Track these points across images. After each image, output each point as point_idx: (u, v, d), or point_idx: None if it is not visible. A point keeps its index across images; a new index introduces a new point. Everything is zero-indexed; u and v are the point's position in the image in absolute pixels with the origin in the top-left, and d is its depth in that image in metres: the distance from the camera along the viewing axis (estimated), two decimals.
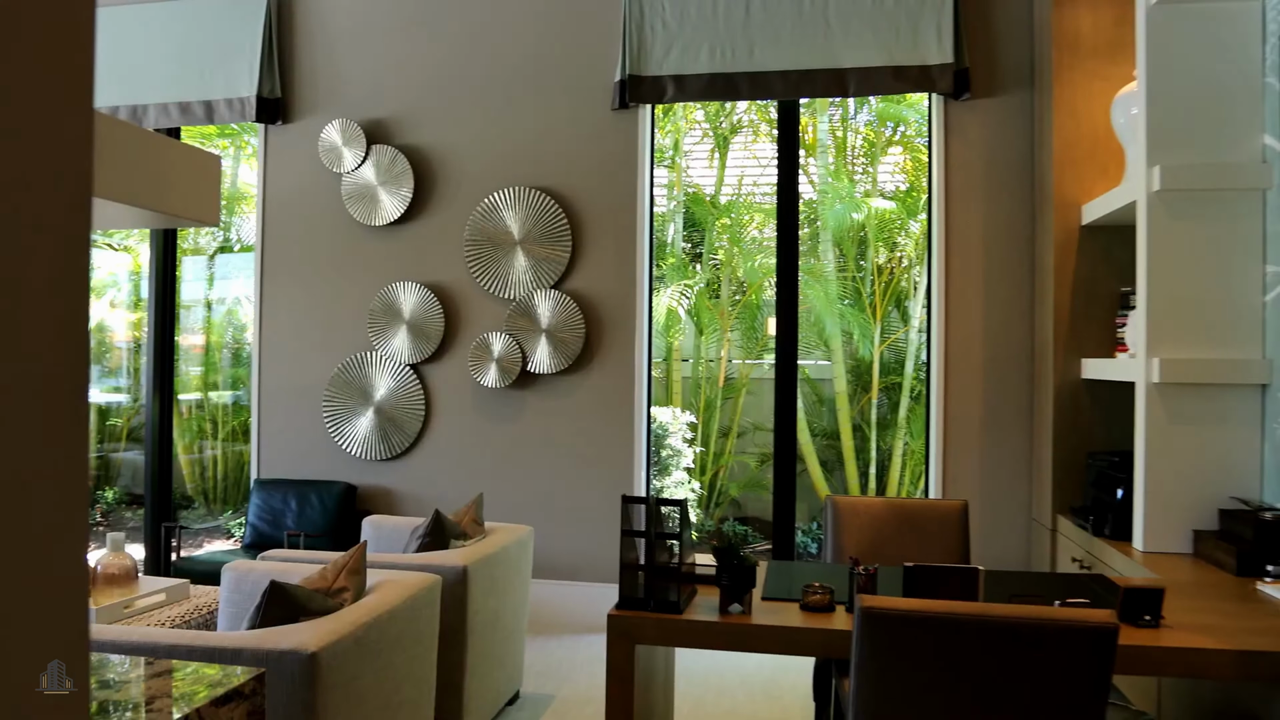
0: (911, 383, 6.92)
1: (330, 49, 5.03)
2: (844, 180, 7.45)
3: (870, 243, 7.31)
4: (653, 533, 2.26)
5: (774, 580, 2.61)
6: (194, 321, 8.26)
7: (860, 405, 7.21)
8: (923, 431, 6.84)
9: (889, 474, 6.97)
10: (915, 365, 6.91)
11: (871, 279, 7.23)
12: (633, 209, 4.68)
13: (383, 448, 4.91)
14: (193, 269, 8.41)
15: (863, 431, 7.14)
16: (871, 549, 3.24)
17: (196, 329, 8.27)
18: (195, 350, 8.25)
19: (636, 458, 4.66)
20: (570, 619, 4.63)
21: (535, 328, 4.71)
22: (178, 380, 8.06)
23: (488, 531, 3.48)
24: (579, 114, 4.73)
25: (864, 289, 7.21)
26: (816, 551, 6.91)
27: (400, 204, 4.86)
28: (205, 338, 8.21)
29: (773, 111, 7.65)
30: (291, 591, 2.25)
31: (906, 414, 6.93)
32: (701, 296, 7.42)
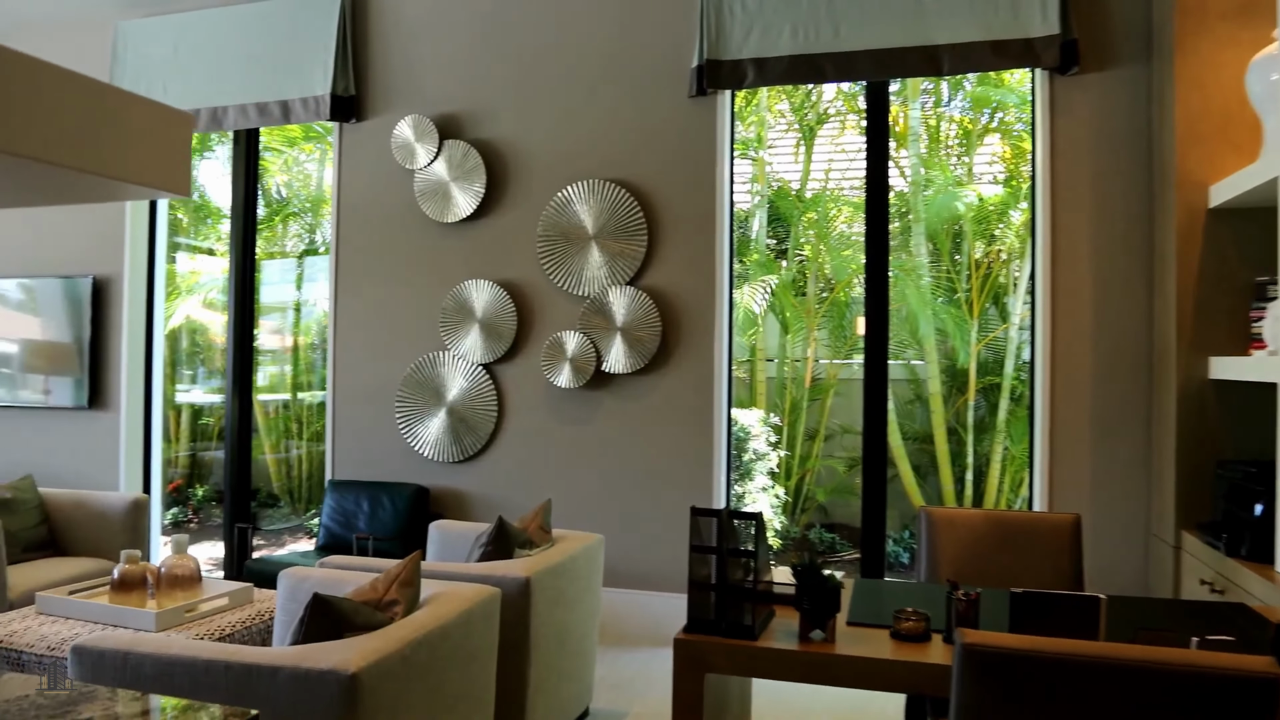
0: (1012, 383, 6.52)
1: (403, 44, 4.94)
2: (943, 170, 7.08)
3: (967, 236, 6.92)
4: (725, 549, 2.04)
5: (861, 602, 2.36)
6: (284, 323, 8.36)
7: (956, 407, 6.84)
8: (1024, 436, 6.44)
9: (986, 481, 6.58)
10: (1016, 365, 6.51)
11: (968, 274, 6.84)
12: (712, 201, 4.45)
13: (455, 449, 4.80)
14: (280, 271, 8.52)
15: (958, 435, 6.76)
16: (970, 567, 2.95)
17: (286, 330, 8.37)
18: (286, 351, 8.35)
19: (716, 462, 4.44)
20: (645, 630, 4.43)
21: (610, 326, 4.53)
22: (263, 380, 8.18)
23: (555, 539, 3.31)
24: (655, 103, 4.53)
25: (960, 285, 6.83)
26: (909, 562, 6.57)
27: (472, 200, 4.74)
28: (294, 338, 8.29)
29: (861, 100, 7.33)
30: (336, 605, 2.11)
31: (1006, 417, 6.53)
32: (786, 294, 7.14)
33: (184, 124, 0.98)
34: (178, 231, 8.43)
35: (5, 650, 2.86)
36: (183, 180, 0.98)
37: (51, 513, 4.41)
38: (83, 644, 2.08)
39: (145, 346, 5.57)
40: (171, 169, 0.95)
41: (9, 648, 2.86)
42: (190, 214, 8.48)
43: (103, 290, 5.50)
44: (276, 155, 8.45)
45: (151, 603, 3.15)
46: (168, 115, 0.96)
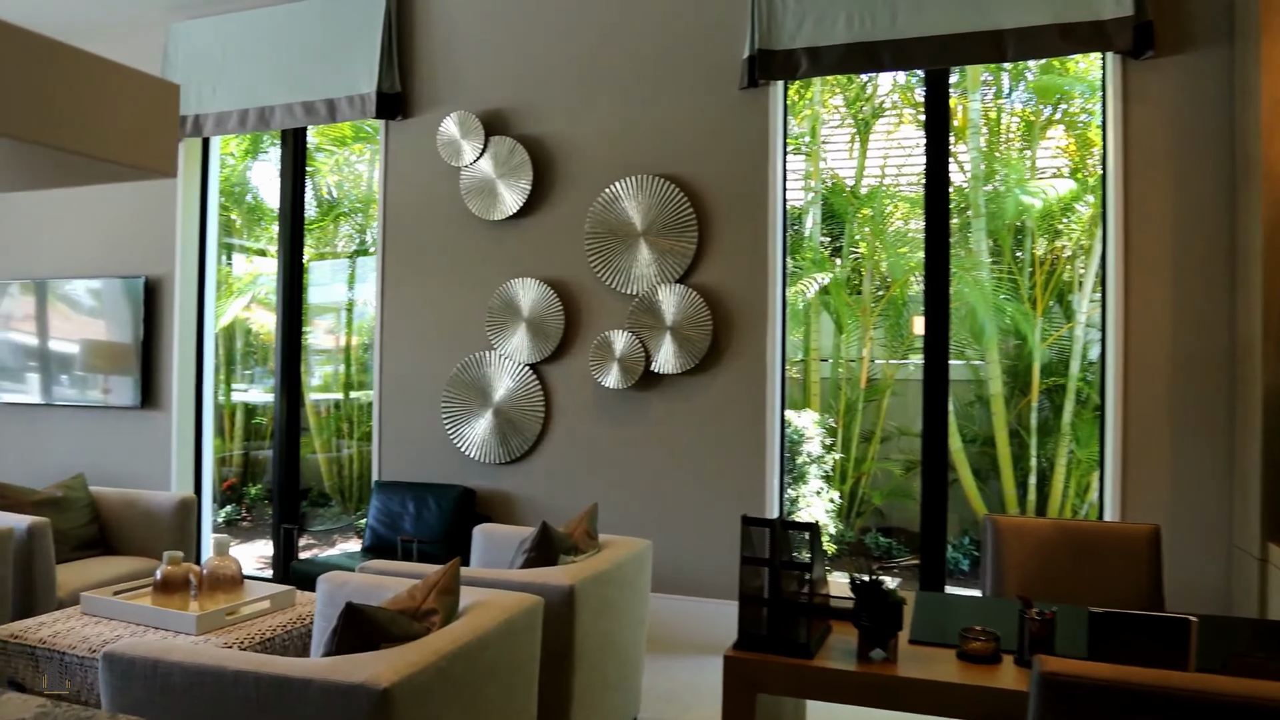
0: (1077, 384, 6.26)
1: (448, 40, 4.88)
2: (1008, 164, 6.83)
3: (1029, 232, 6.68)
4: (778, 561, 1.91)
5: (924, 618, 2.22)
6: (337, 323, 8.39)
7: (1018, 409, 6.60)
8: (1092, 439, 6.18)
9: (1050, 485, 6.34)
10: (1082, 365, 6.26)
11: (1030, 271, 6.60)
12: (764, 196, 4.32)
13: (501, 451, 4.72)
14: (332, 271, 8.56)
15: (1020, 438, 6.52)
16: (1039, 579, 2.78)
17: (339, 330, 8.40)
18: (339, 351, 8.38)
19: (769, 464, 4.30)
20: (695, 638, 4.31)
21: (659, 325, 4.42)
22: (318, 380, 8.22)
23: (601, 545, 3.20)
24: (705, 95, 4.40)
25: (1023, 282, 6.59)
26: (968, 569, 6.35)
27: (519, 197, 4.66)
28: (345, 338, 8.32)
29: (918, 93, 7.12)
30: (370, 615, 2.02)
31: (1071, 419, 6.28)
32: (841, 292, 6.96)
33: (168, 95, 0.88)
34: (231, 233, 8.51)
35: (48, 651, 2.83)
36: (167, 158, 0.89)
37: (102, 512, 4.43)
38: (113, 651, 2.02)
39: (196, 346, 5.60)
40: (158, 147, 0.85)
41: (52, 649, 2.83)
42: (244, 215, 8.56)
43: (155, 291, 5.53)
44: (328, 156, 8.48)
45: (194, 604, 3.11)
46: (152, 86, 0.87)
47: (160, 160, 0.88)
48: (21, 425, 5.98)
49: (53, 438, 5.86)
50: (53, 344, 5.84)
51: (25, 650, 2.88)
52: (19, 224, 6.05)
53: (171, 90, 0.90)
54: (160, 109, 0.87)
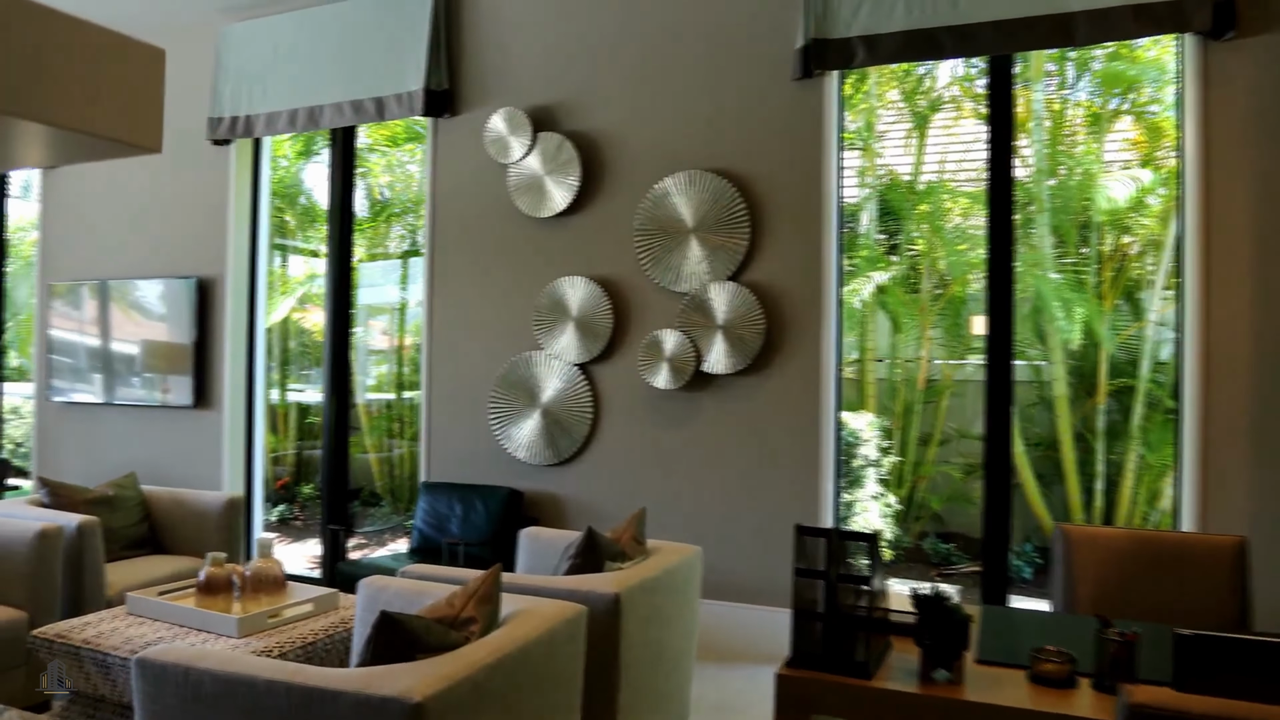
0: (1148, 386, 6.00)
1: (496, 36, 4.82)
2: (1085, 156, 6.58)
3: (1095, 226, 6.42)
4: (834, 574, 1.79)
5: (991, 635, 2.07)
6: (392, 324, 8.41)
7: (1084, 411, 6.35)
8: (1163, 444, 5.91)
9: (1118, 491, 6.08)
10: (1153, 365, 5.99)
11: (1098, 267, 6.35)
12: (818, 190, 4.17)
13: (549, 452, 4.64)
14: (384, 272, 8.58)
15: (1086, 441, 6.27)
16: (1114, 594, 2.61)
17: (393, 331, 8.42)
18: (393, 351, 8.40)
19: (824, 468, 4.16)
20: (747, 646, 4.18)
21: (710, 324, 4.30)
22: (373, 380, 8.25)
23: (650, 551, 3.10)
24: (757, 88, 4.28)
25: (1089, 279, 6.33)
26: (1031, 577, 6.13)
27: (567, 194, 4.58)
28: (398, 339, 8.33)
29: (979, 85, 6.90)
30: (406, 624, 1.94)
31: (1141, 422, 6.01)
32: (898, 291, 6.77)
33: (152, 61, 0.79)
34: (285, 234, 8.58)
35: (91, 652, 2.81)
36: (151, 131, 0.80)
37: (152, 510, 4.45)
38: (145, 657, 1.97)
39: (247, 346, 5.62)
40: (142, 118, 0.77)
41: (95, 649, 2.81)
42: (297, 216, 8.63)
43: (208, 291, 5.57)
44: (381, 156, 8.51)
45: (237, 606, 3.08)
46: (134, 51, 0.78)
47: (144, 135, 0.79)
48: (84, 424, 6.07)
49: (112, 436, 5.93)
50: (113, 344, 5.91)
51: (70, 650, 2.86)
52: (83, 226, 6.14)
53: (157, 56, 0.82)
54: (144, 76, 0.78)
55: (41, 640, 2.93)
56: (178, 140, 5.72)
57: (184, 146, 5.68)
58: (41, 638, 2.93)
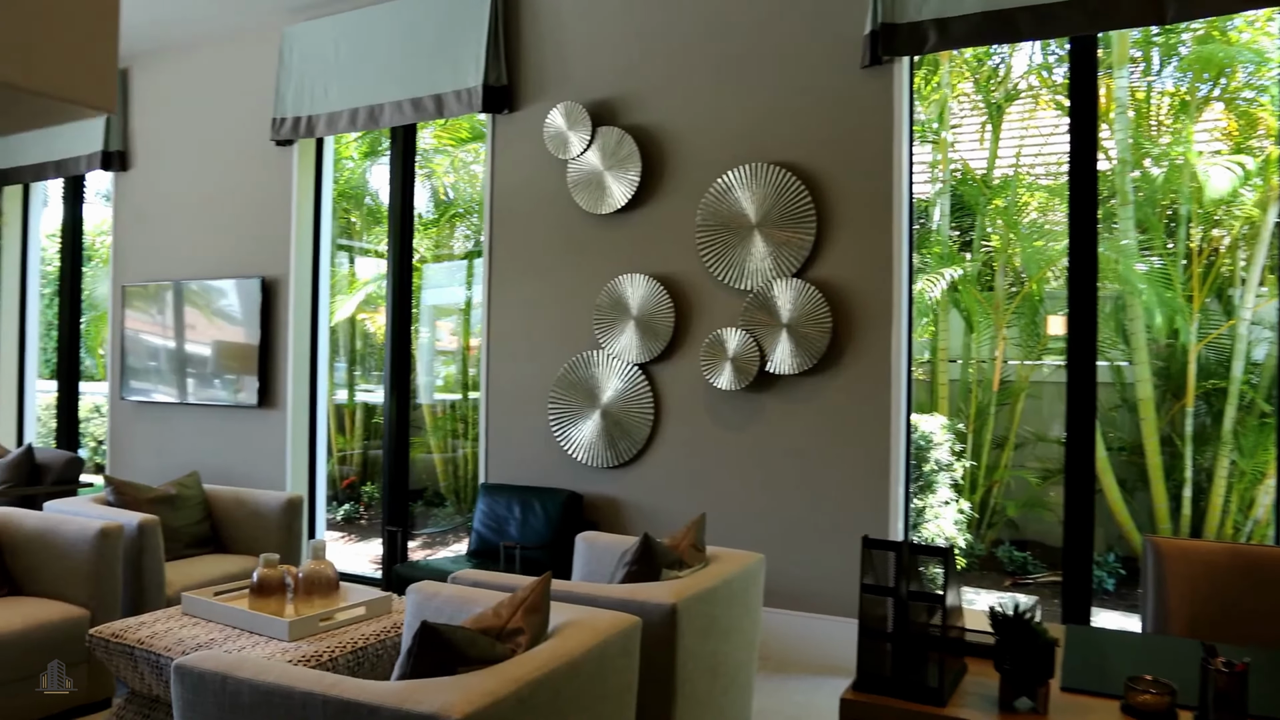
0: (1240, 388, 5.66)
1: (555, 30, 4.74)
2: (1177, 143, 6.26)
3: (1182, 220, 6.10)
4: (905, 590, 1.65)
5: (1076, 660, 1.90)
6: (460, 324, 8.42)
7: (1170, 414, 6.03)
8: (1259, 449, 5.58)
9: (1208, 499, 5.75)
10: (1246, 366, 5.65)
11: (1185, 263, 6.02)
12: (888, 183, 4.00)
13: (609, 454, 4.54)
14: (450, 273, 8.60)
15: (1173, 446, 5.95)
16: (1211, 614, 2.40)
17: (460, 332, 8.42)
18: (469, 352, 8.40)
19: (893, 472, 3.98)
20: (810, 656, 4.03)
21: (775, 322, 4.15)
22: (440, 380, 8.26)
23: (709, 559, 2.97)
24: (823, 76, 4.12)
25: (1176, 276, 6.01)
26: (1113, 588, 5.84)
27: (627, 189, 4.48)
28: (463, 339, 8.34)
29: (1057, 74, 6.61)
30: (449, 635, 1.85)
31: (1234, 426, 5.68)
32: (971, 288, 6.52)
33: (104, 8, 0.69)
34: (351, 235, 8.66)
35: (145, 652, 2.80)
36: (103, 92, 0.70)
37: (214, 509, 4.47)
38: (183, 664, 1.91)
39: (310, 346, 5.64)
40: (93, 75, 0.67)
41: (149, 650, 2.80)
42: (363, 217, 8.70)
43: (271, 291, 5.60)
44: (446, 157, 8.53)
45: (290, 608, 3.04)
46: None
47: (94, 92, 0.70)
48: (155, 423, 6.17)
49: (181, 435, 6.02)
50: (182, 344, 5.99)
51: (125, 650, 2.85)
52: (153, 228, 6.25)
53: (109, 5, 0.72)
54: (93, 23, 0.69)
55: (98, 639, 2.92)
56: (243, 141, 5.77)
57: (249, 148, 5.73)
58: (98, 636, 2.93)
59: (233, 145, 5.83)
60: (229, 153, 5.85)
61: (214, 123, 5.93)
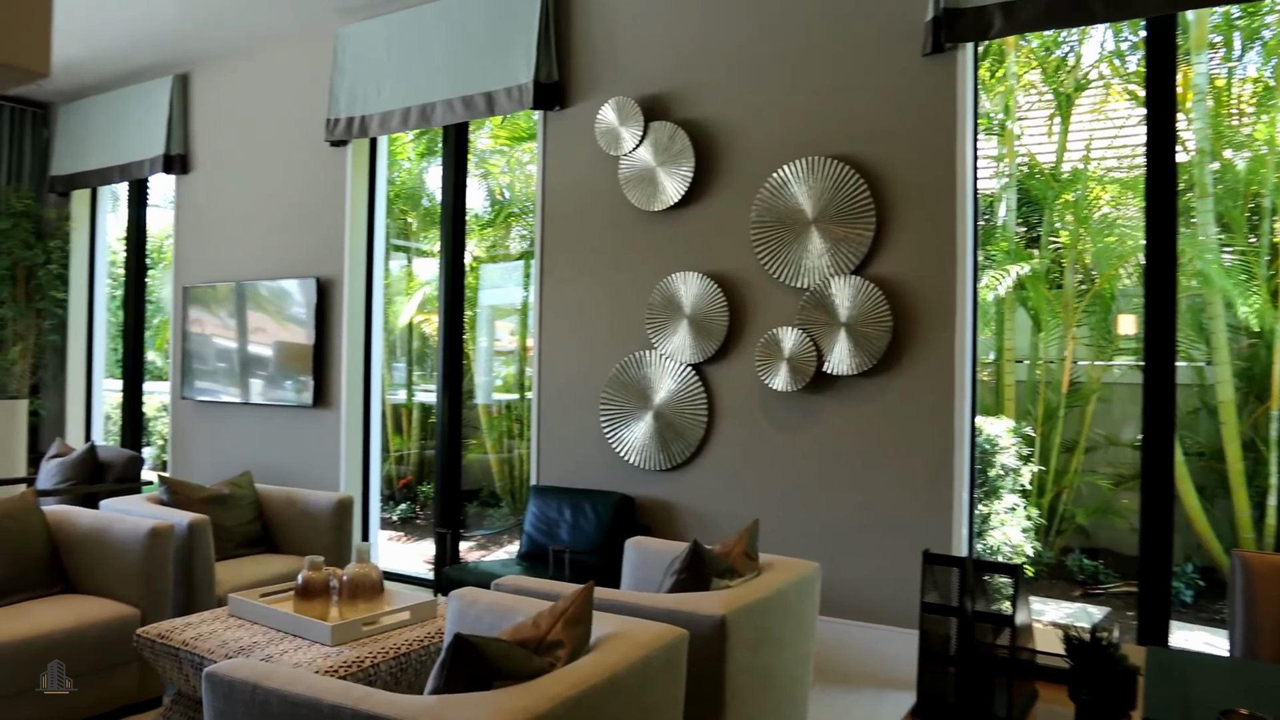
0: None
1: (606, 23, 4.65)
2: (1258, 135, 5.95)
3: (1265, 213, 5.79)
4: (970, 609, 1.52)
5: (1160, 686, 1.75)
6: (519, 324, 8.40)
7: (1253, 417, 5.73)
8: None
9: None
10: None
11: (1270, 258, 5.71)
12: (951, 176, 3.83)
13: (661, 457, 4.44)
14: (507, 273, 8.58)
15: (1256, 451, 5.65)
16: None
17: (516, 331, 8.40)
18: (526, 352, 8.38)
19: (957, 477, 3.81)
20: (868, 668, 3.88)
21: (832, 321, 4.01)
22: (499, 381, 8.25)
23: (762, 567, 2.85)
24: (882, 65, 3.96)
25: (1259, 271, 5.71)
26: (1191, 601, 5.56)
27: (680, 185, 4.37)
28: (519, 339, 8.31)
29: (1131, 62, 6.34)
30: (483, 649, 1.77)
31: None
32: (1039, 286, 6.28)
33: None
34: (408, 236, 8.69)
35: (189, 654, 2.77)
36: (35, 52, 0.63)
37: (265, 509, 4.47)
38: (214, 672, 1.86)
39: (364, 346, 5.64)
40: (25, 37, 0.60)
41: (193, 651, 2.77)
42: (420, 218, 8.72)
43: (326, 292, 5.62)
44: (502, 157, 8.51)
45: (334, 612, 3.00)
46: None
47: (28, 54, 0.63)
48: (213, 422, 6.24)
49: (239, 435, 6.07)
50: (239, 344, 6.05)
51: (170, 651, 2.83)
52: (211, 230, 6.32)
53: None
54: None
55: (145, 640, 2.91)
56: (298, 142, 5.80)
57: (304, 149, 5.76)
58: (145, 637, 2.92)
59: (288, 147, 5.87)
60: (285, 154, 5.88)
61: (270, 125, 5.98)
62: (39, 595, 3.47)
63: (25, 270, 7.10)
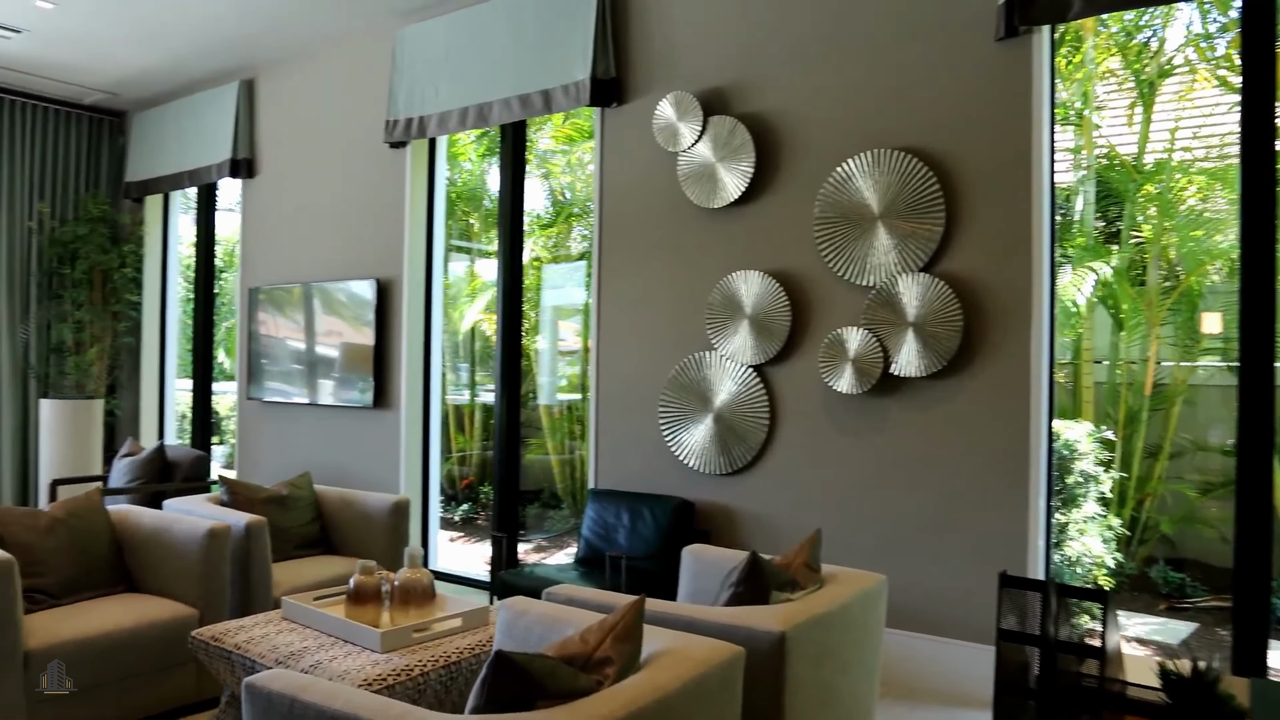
0: None
1: (664, 16, 4.55)
2: None
3: None
4: (1052, 638, 1.38)
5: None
6: (583, 325, 8.36)
7: None
8: None
9: None
10: None
11: None
12: (1026, 169, 3.64)
13: (722, 460, 4.33)
14: (568, 273, 8.54)
15: None
16: None
17: (579, 331, 8.36)
18: (588, 353, 8.33)
19: (1033, 485, 3.61)
20: (936, 685, 3.71)
21: (900, 320, 3.85)
22: (563, 381, 8.22)
23: (825, 579, 2.72)
24: (952, 52, 3.79)
25: None
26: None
27: (740, 181, 4.25)
28: (582, 340, 8.26)
29: (1220, 45, 6.01)
30: (526, 666, 1.68)
31: None
32: (1122, 283, 5.99)
33: None
34: (470, 237, 8.70)
35: (240, 658, 2.75)
36: None
37: (324, 510, 4.47)
38: (253, 683, 1.81)
39: (424, 347, 5.63)
40: None
41: (244, 655, 2.75)
42: (482, 219, 8.73)
43: (386, 293, 5.62)
44: (563, 156, 8.47)
45: (385, 617, 2.95)
46: None
47: None
48: (277, 422, 6.31)
49: (301, 435, 6.13)
50: (301, 345, 6.10)
51: (223, 654, 2.82)
52: (275, 233, 6.39)
53: None
54: None
55: (199, 642, 2.90)
56: (358, 144, 5.82)
57: (364, 150, 5.78)
58: (199, 639, 2.91)
59: (349, 149, 5.89)
60: (346, 156, 5.91)
61: (331, 127, 6.01)
62: (102, 594, 3.51)
63: (101, 274, 7.28)
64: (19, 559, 3.15)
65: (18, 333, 7.09)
